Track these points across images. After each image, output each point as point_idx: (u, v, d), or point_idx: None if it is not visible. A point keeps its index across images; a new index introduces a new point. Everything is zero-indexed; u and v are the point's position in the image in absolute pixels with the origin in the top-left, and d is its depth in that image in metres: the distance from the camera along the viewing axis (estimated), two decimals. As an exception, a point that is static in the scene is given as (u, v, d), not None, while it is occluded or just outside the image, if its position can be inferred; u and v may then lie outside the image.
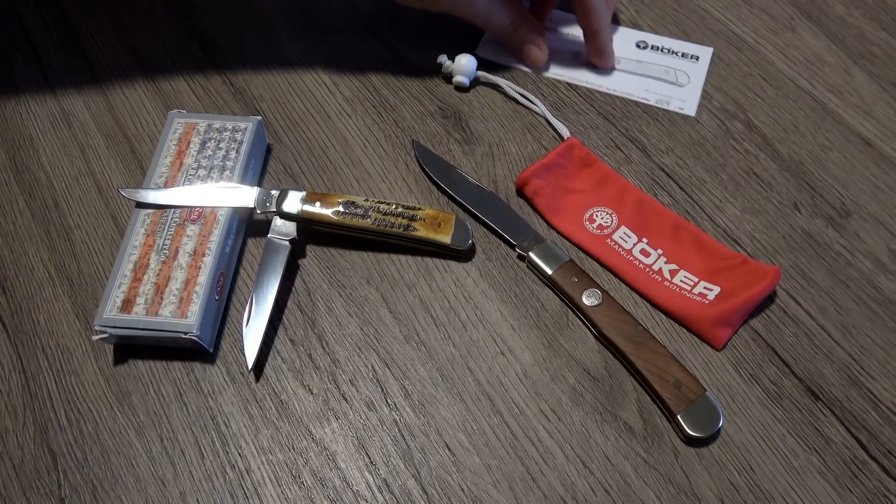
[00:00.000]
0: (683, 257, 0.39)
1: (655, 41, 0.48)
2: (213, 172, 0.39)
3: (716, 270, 0.38)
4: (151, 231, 0.37)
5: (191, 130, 0.41)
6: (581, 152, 0.42)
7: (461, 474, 0.33)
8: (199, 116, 0.42)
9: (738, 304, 0.36)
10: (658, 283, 0.38)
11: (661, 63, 0.47)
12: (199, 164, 0.40)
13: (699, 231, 0.39)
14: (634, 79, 0.46)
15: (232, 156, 0.40)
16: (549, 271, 0.38)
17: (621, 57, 0.47)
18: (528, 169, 0.40)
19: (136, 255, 0.37)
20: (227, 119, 0.41)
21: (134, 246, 0.37)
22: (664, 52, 0.48)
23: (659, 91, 0.46)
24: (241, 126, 0.41)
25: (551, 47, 0.47)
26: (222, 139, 0.40)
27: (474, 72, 0.45)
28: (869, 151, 0.43)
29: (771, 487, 0.33)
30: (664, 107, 0.45)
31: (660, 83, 0.46)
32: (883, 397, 0.35)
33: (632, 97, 0.46)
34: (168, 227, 0.37)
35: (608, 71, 0.47)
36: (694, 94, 0.46)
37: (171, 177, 0.39)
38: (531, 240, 0.39)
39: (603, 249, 0.39)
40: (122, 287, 0.36)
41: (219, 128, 0.41)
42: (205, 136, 0.41)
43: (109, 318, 0.35)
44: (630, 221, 0.40)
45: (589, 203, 0.41)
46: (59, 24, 0.49)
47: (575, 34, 0.48)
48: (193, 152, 0.40)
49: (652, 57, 0.47)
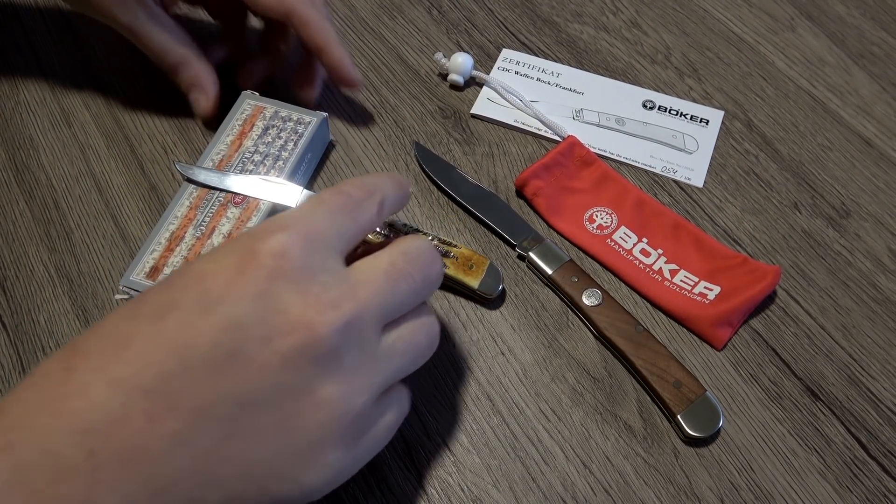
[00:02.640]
0: (683, 257, 0.39)
1: (663, 101, 0.45)
2: (267, 160, 0.39)
3: (716, 270, 0.38)
4: (195, 205, 0.38)
5: (258, 114, 0.41)
6: (581, 151, 0.42)
7: (461, 474, 0.33)
8: (268, 102, 0.42)
9: (739, 303, 0.36)
10: (658, 283, 0.38)
11: (668, 126, 0.44)
12: (256, 148, 0.40)
13: (699, 231, 0.39)
14: (639, 143, 0.43)
15: (289, 147, 0.40)
16: (550, 271, 0.38)
17: (626, 117, 0.45)
18: (528, 169, 0.40)
19: (174, 226, 0.37)
20: (295, 110, 0.41)
21: (175, 216, 0.37)
22: (672, 113, 0.45)
23: (665, 157, 0.43)
24: (305, 119, 0.41)
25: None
26: (284, 129, 0.40)
27: (470, 71, 0.45)
28: (869, 151, 0.43)
29: (771, 487, 0.33)
30: (670, 175, 0.42)
31: (666, 149, 0.43)
32: (883, 397, 0.35)
33: (637, 164, 0.43)
34: (211, 204, 0.38)
35: (611, 133, 0.44)
36: (702, 162, 0.43)
37: (228, 156, 0.40)
38: (531, 240, 0.39)
39: (603, 249, 0.39)
40: (154, 254, 0.36)
41: (284, 116, 0.41)
42: (269, 122, 0.41)
43: (135, 280, 0.35)
44: (630, 221, 0.40)
45: (589, 203, 0.41)
46: (59, 24, 0.49)
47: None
48: (254, 136, 0.40)
49: (659, 119, 0.44)
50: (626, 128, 0.44)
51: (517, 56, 0.47)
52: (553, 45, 0.48)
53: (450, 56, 0.46)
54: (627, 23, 0.49)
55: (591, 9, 0.50)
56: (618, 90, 0.46)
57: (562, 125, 0.44)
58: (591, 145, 0.43)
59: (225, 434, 0.22)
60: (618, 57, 0.48)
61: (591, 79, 0.46)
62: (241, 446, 0.22)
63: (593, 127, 0.44)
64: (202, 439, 0.21)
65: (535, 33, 0.49)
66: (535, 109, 0.44)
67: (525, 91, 0.45)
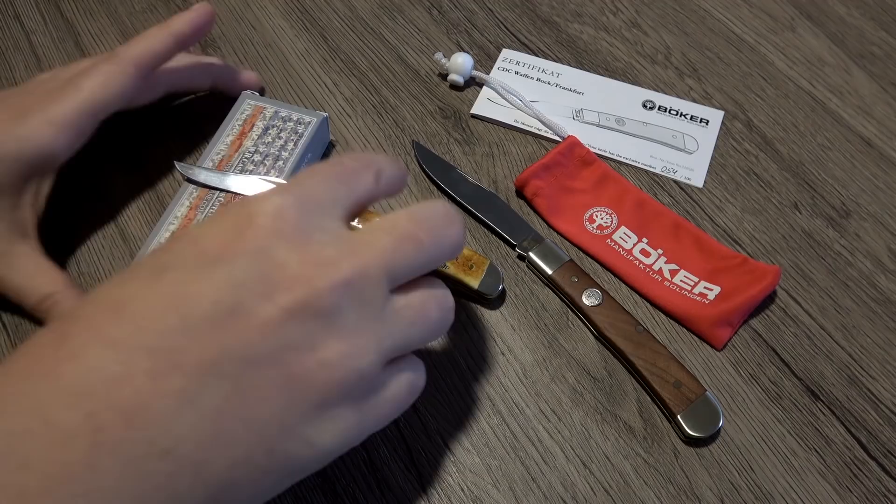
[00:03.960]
0: (683, 257, 0.39)
1: (663, 101, 0.45)
2: (267, 160, 0.40)
3: (716, 270, 0.38)
4: (195, 205, 0.38)
5: (258, 114, 0.41)
6: (581, 151, 0.42)
7: (461, 474, 0.33)
8: (269, 102, 0.42)
9: (739, 303, 0.36)
10: (658, 283, 0.38)
11: (668, 126, 0.44)
12: (256, 148, 0.40)
13: (699, 231, 0.39)
14: (640, 143, 0.43)
15: (289, 147, 0.40)
16: (550, 271, 0.38)
17: (626, 118, 0.45)
18: (528, 169, 0.40)
19: (175, 226, 0.37)
20: (295, 110, 0.41)
21: (176, 216, 0.37)
22: (672, 113, 0.45)
23: (665, 157, 0.43)
24: (305, 119, 0.41)
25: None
26: (284, 129, 0.41)
27: (470, 71, 0.45)
28: (869, 151, 0.43)
29: (771, 487, 0.33)
30: (670, 175, 0.42)
31: (666, 149, 0.43)
32: (883, 397, 0.35)
33: (637, 164, 0.43)
34: (211, 205, 0.38)
35: (611, 133, 0.44)
36: (702, 162, 0.43)
37: (228, 156, 0.40)
38: (531, 239, 0.39)
39: (603, 249, 0.39)
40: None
41: (284, 116, 0.41)
42: (269, 122, 0.41)
43: None
44: (630, 221, 0.40)
45: (589, 203, 0.41)
46: (59, 24, 0.49)
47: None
48: (254, 136, 0.40)
49: (659, 119, 0.44)
50: (626, 128, 0.44)
51: (517, 56, 0.47)
52: (553, 46, 0.48)
53: (450, 56, 0.46)
54: (627, 23, 0.49)
55: (591, 9, 0.50)
56: (618, 90, 0.46)
57: (562, 125, 0.44)
58: (591, 145, 0.43)
59: (231, 391, 0.21)
60: (618, 57, 0.48)
61: (591, 79, 0.46)
62: (247, 404, 0.21)
63: (593, 127, 0.44)
64: (208, 397, 0.21)
65: (535, 33, 0.49)
66: (535, 109, 0.44)
67: (525, 91, 0.45)
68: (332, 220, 0.25)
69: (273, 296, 0.22)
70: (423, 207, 0.27)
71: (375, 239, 0.25)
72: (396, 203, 0.41)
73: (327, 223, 0.25)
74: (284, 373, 0.22)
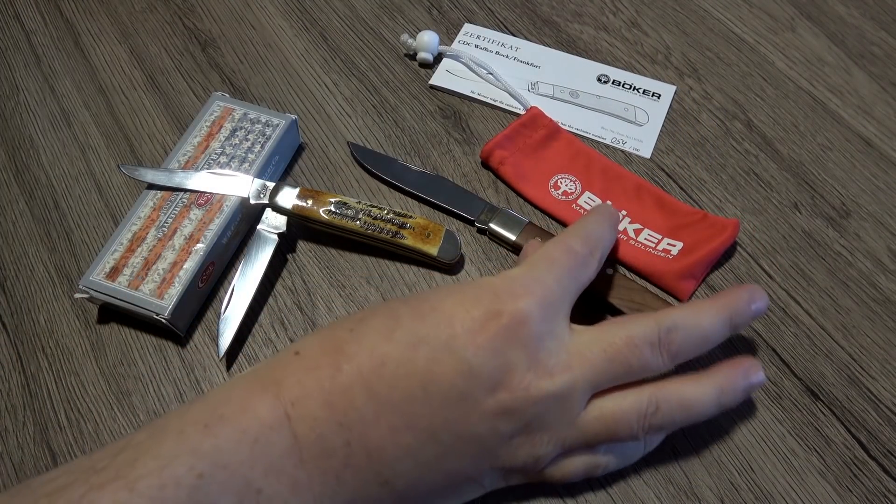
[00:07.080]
0: (646, 217, 0.40)
1: (618, 76, 0.46)
2: (233, 161, 0.39)
3: (678, 227, 0.39)
4: (158, 206, 0.38)
5: (226, 116, 0.41)
6: (544, 121, 0.43)
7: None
8: (239, 104, 0.42)
9: (701, 257, 0.37)
10: (623, 242, 0.39)
11: (620, 100, 0.45)
12: (223, 150, 0.40)
13: (660, 191, 0.41)
14: (591, 115, 0.45)
15: (256, 149, 0.40)
16: (513, 237, 0.38)
17: (580, 91, 0.46)
18: (491, 140, 0.42)
19: (136, 227, 0.37)
20: (264, 112, 0.41)
21: (138, 217, 0.37)
22: (625, 87, 0.46)
23: (615, 129, 0.44)
24: (274, 121, 0.41)
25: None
26: (252, 131, 0.40)
27: (437, 47, 0.46)
28: (869, 151, 0.43)
29: (771, 487, 0.33)
30: (619, 146, 0.43)
31: (617, 121, 0.44)
32: (883, 397, 0.35)
33: (588, 135, 0.44)
34: (175, 206, 0.38)
35: (565, 105, 0.45)
36: (651, 134, 0.44)
37: (194, 157, 0.39)
38: (487, 211, 0.40)
39: (569, 214, 0.40)
40: (115, 254, 0.36)
41: (253, 119, 0.41)
42: (237, 125, 0.41)
43: (94, 281, 0.35)
44: (594, 186, 0.41)
45: (553, 170, 0.42)
46: (59, 24, 0.49)
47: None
48: (222, 138, 0.40)
49: (612, 92, 0.45)
50: (580, 100, 0.45)
51: (478, 30, 0.49)
52: (553, 45, 0.48)
53: (415, 36, 0.46)
54: (627, 23, 0.49)
55: (591, 9, 0.50)
56: (574, 64, 0.47)
57: (525, 97, 0.45)
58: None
59: (441, 453, 0.27)
60: (618, 57, 0.48)
61: (549, 53, 0.48)
62: (449, 461, 0.27)
63: (548, 99, 0.45)
64: (424, 454, 0.27)
65: (536, 33, 0.49)
66: (504, 81, 0.45)
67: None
68: (561, 321, 0.29)
69: (496, 393, 0.27)
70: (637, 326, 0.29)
71: (590, 353, 0.28)
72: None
73: (557, 328, 0.29)
74: (482, 448, 0.27)
